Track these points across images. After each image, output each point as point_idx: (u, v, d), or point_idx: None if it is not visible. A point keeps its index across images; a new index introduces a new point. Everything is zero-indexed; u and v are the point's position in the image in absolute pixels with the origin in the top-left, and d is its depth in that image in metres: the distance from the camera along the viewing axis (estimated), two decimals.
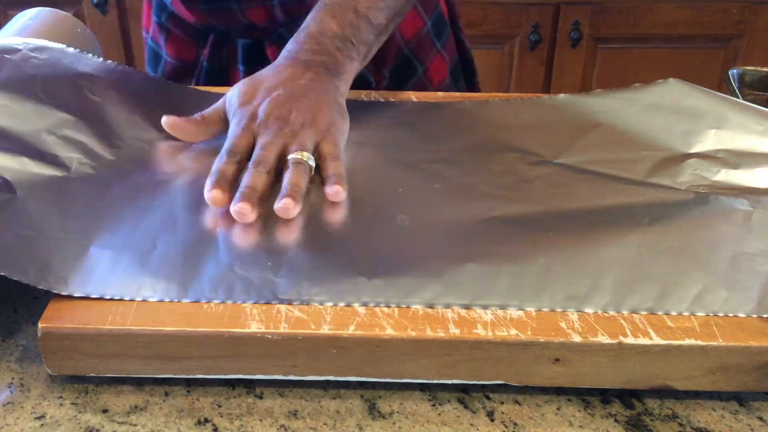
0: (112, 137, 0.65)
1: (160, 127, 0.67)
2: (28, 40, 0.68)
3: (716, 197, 0.61)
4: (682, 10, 1.67)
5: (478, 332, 0.47)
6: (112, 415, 0.47)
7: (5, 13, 1.70)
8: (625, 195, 0.61)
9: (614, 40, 1.70)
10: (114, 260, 0.52)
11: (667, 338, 0.47)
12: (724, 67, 1.74)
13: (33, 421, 0.47)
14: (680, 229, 0.57)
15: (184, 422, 0.47)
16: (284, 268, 0.52)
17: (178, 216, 0.57)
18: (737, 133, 0.67)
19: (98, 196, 0.59)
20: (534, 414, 0.48)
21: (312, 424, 0.47)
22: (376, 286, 0.51)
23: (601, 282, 0.51)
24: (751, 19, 1.70)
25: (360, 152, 0.67)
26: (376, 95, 0.78)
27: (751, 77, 0.79)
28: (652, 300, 0.50)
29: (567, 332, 0.47)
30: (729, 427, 0.48)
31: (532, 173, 0.64)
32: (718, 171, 0.64)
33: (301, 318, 0.48)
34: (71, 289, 0.49)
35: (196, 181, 0.61)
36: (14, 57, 0.65)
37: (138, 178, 0.62)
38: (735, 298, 0.50)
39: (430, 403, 0.49)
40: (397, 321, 0.48)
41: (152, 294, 0.50)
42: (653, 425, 0.48)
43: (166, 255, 0.53)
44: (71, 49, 0.69)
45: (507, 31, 1.66)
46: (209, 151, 0.66)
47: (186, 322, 0.47)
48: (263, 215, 0.57)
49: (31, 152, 0.60)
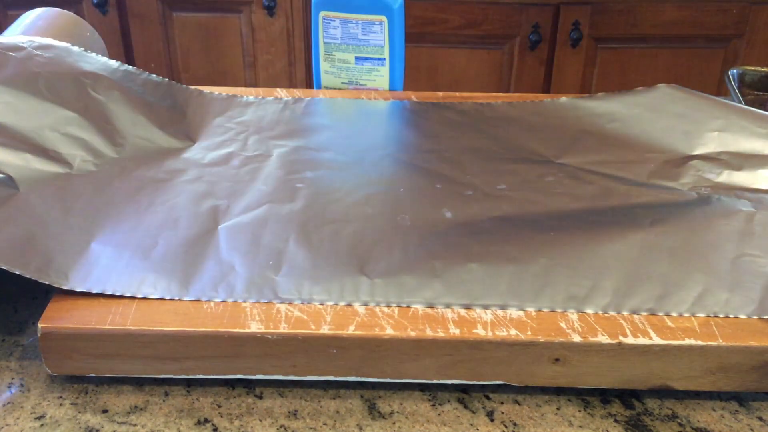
0: (114, 135, 0.65)
1: (162, 126, 0.67)
2: (32, 38, 0.68)
3: (718, 198, 0.61)
4: (682, 10, 1.67)
5: (478, 332, 0.47)
6: (112, 415, 0.47)
7: (5, 13, 1.70)
8: (626, 196, 0.61)
9: (614, 40, 1.70)
10: (115, 257, 0.52)
11: (667, 338, 0.47)
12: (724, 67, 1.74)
13: (33, 421, 0.47)
14: (682, 229, 0.57)
15: (184, 422, 0.47)
16: (285, 267, 0.52)
17: (179, 214, 0.57)
18: (740, 136, 0.67)
19: (100, 193, 0.59)
20: (534, 414, 0.48)
21: (312, 424, 0.47)
22: (376, 285, 0.51)
23: (601, 282, 0.51)
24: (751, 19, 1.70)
25: (361, 152, 0.67)
26: (376, 95, 0.78)
27: (751, 77, 0.79)
28: (652, 301, 0.50)
29: (567, 332, 0.47)
30: (729, 427, 0.48)
31: (533, 173, 0.64)
32: (720, 173, 0.64)
33: (301, 318, 0.48)
34: (72, 284, 0.49)
35: (197, 180, 0.62)
36: (19, 55, 0.65)
37: (140, 176, 0.62)
38: (736, 300, 0.50)
39: (430, 403, 0.49)
40: (397, 321, 0.48)
41: (153, 291, 0.50)
42: (653, 425, 0.48)
43: (167, 252, 0.53)
44: (75, 47, 0.69)
45: (507, 31, 1.65)
46: (211, 148, 0.66)
47: (186, 322, 0.47)
48: (263, 214, 0.57)
49: (34, 149, 0.60)
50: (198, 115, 0.71)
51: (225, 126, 0.70)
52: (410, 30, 1.52)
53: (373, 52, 0.81)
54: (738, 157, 0.65)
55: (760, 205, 0.60)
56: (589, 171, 0.65)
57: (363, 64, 0.82)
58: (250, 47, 1.68)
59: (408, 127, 0.71)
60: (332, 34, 0.81)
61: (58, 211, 0.56)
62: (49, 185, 0.58)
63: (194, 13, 1.68)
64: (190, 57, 1.73)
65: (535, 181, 0.63)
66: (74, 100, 0.65)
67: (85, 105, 0.65)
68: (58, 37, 0.70)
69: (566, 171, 0.65)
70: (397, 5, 0.79)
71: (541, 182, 0.63)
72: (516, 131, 0.70)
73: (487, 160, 0.66)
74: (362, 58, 0.82)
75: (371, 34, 0.81)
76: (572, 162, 0.66)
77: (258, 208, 0.58)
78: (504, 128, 0.71)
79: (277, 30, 1.66)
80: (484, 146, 0.68)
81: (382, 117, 0.73)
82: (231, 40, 1.69)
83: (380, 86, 0.83)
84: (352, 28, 0.80)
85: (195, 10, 1.68)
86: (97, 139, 0.64)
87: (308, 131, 0.70)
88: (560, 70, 1.71)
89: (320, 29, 0.81)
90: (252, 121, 0.71)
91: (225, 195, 0.60)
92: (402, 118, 0.73)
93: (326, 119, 0.73)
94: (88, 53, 0.70)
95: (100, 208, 0.57)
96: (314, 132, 0.70)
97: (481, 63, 1.68)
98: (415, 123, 0.72)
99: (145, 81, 0.71)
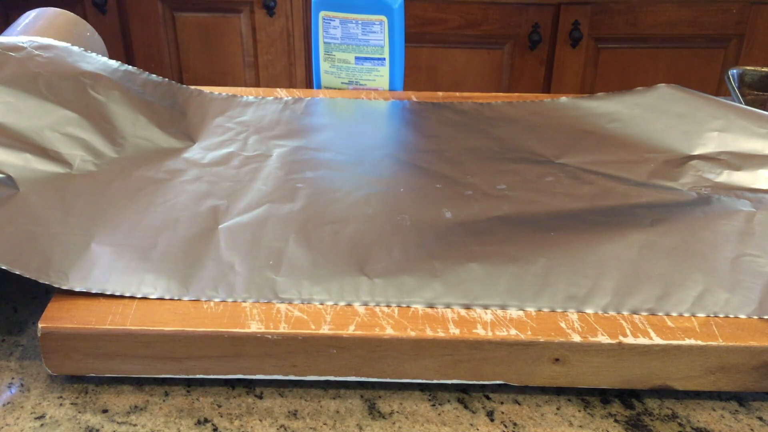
0: (114, 135, 0.65)
1: (162, 126, 0.67)
2: (32, 38, 0.68)
3: (718, 198, 0.61)
4: (682, 10, 1.67)
5: (478, 332, 0.47)
6: (112, 415, 0.47)
7: (5, 13, 1.70)
8: (626, 196, 0.61)
9: (614, 40, 1.70)
10: (115, 257, 0.52)
11: (667, 338, 0.47)
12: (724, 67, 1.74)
13: (33, 421, 0.47)
14: (682, 229, 0.57)
15: (184, 422, 0.47)
16: (285, 266, 0.52)
17: (179, 214, 0.57)
18: (740, 136, 0.67)
19: (100, 193, 0.59)
20: (534, 414, 0.48)
21: (312, 424, 0.47)
22: (376, 285, 0.51)
23: (601, 282, 0.51)
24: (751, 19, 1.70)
25: (361, 152, 0.67)
26: (376, 95, 0.78)
27: (751, 77, 0.79)
28: (652, 301, 0.50)
29: (567, 332, 0.47)
30: (729, 427, 0.48)
31: (533, 173, 0.64)
32: (720, 173, 0.64)
33: (301, 318, 0.48)
34: (72, 284, 0.49)
35: (197, 180, 0.62)
36: (19, 54, 0.65)
37: (140, 176, 0.62)
38: (736, 300, 0.50)
39: (430, 403, 0.49)
40: (397, 321, 0.48)
41: (153, 291, 0.50)
42: (653, 425, 0.48)
43: (167, 252, 0.53)
44: (75, 47, 0.69)
45: (507, 31, 1.65)
46: (211, 148, 0.66)
47: (186, 322, 0.47)
48: (263, 214, 0.57)
49: (34, 149, 0.60)
50: (198, 115, 0.71)
51: (225, 126, 0.70)
52: (410, 30, 1.52)
53: (373, 52, 0.81)
54: (738, 157, 0.65)
55: (760, 205, 0.60)
56: (589, 171, 0.65)
57: (363, 64, 0.82)
58: (250, 47, 1.68)
59: (408, 127, 0.71)
60: (332, 34, 0.81)
61: (58, 211, 0.56)
62: (49, 185, 0.58)
63: (194, 13, 1.68)
64: (190, 57, 1.73)
65: (535, 181, 0.63)
66: (74, 100, 0.65)
67: (85, 105, 0.65)
68: (58, 37, 0.70)
69: (566, 171, 0.65)
70: (397, 5, 0.79)
71: (541, 182, 0.63)
72: (516, 131, 0.70)
73: (487, 160, 0.66)
74: (362, 58, 0.82)
75: (371, 34, 0.81)
76: (572, 162, 0.66)
77: (258, 208, 0.58)
78: (504, 128, 0.71)
79: (277, 30, 1.66)
80: (484, 146, 0.68)
81: (382, 117, 0.73)
82: (231, 40, 1.69)
83: (380, 86, 0.83)
84: (352, 28, 0.80)
85: (195, 10, 1.68)
86: (97, 139, 0.64)
87: (308, 131, 0.70)
88: (560, 70, 1.71)
89: (320, 29, 0.81)
90: (252, 121, 0.71)
91: (225, 195, 0.60)
92: (402, 118, 0.73)
93: (326, 119, 0.73)
94: (88, 53, 0.70)
95: (100, 208, 0.57)
96: (314, 132, 0.70)
97: (481, 63, 1.68)
98: (415, 123, 0.72)
99: (145, 81, 0.71)
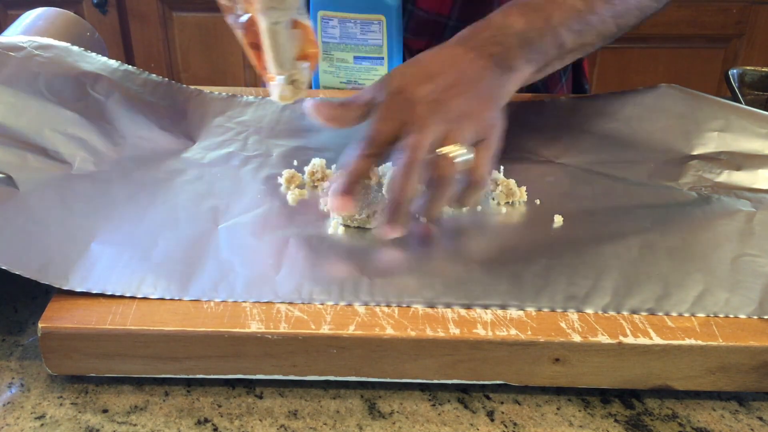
0: (114, 135, 0.65)
1: (162, 126, 0.67)
2: (32, 38, 0.68)
3: (718, 198, 0.61)
4: (682, 10, 1.67)
5: (478, 332, 0.47)
6: (112, 415, 0.47)
7: (5, 13, 1.70)
8: (626, 195, 0.61)
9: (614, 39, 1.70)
10: (115, 257, 0.52)
11: (667, 338, 0.47)
12: (724, 67, 1.74)
13: (33, 421, 0.47)
14: (682, 229, 0.57)
15: (184, 422, 0.47)
16: (285, 267, 0.52)
17: (179, 214, 0.57)
18: (740, 136, 0.67)
19: (100, 193, 0.59)
20: (534, 414, 0.48)
21: (312, 424, 0.47)
22: (376, 285, 0.51)
23: (601, 282, 0.51)
24: (751, 19, 1.70)
25: None
26: None
27: (751, 77, 0.79)
28: (652, 301, 0.50)
29: (567, 332, 0.47)
30: (729, 427, 0.48)
31: (533, 173, 0.64)
32: (720, 172, 0.64)
33: (301, 318, 0.48)
34: (72, 284, 0.49)
35: (197, 179, 0.62)
36: (19, 54, 0.65)
37: (140, 176, 0.62)
38: (736, 300, 0.50)
39: (430, 403, 0.49)
40: (397, 321, 0.48)
41: (153, 291, 0.50)
42: (653, 425, 0.48)
43: (167, 252, 0.53)
44: (75, 47, 0.69)
45: None
46: (211, 148, 0.66)
47: (186, 322, 0.47)
48: (263, 214, 0.57)
49: (34, 149, 0.60)
50: (198, 115, 0.71)
51: (225, 126, 0.70)
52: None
53: (371, 52, 0.81)
54: (738, 157, 0.65)
55: (760, 205, 0.60)
56: (589, 171, 0.65)
57: (361, 63, 0.82)
58: None
59: None
60: (331, 34, 0.81)
61: (58, 211, 0.56)
62: (49, 185, 0.58)
63: (194, 13, 1.68)
64: (190, 57, 1.73)
65: (535, 181, 0.63)
66: (74, 100, 0.65)
67: (85, 105, 0.65)
68: (58, 37, 0.70)
69: (566, 171, 0.65)
70: (395, 4, 0.79)
71: (541, 182, 0.63)
72: (516, 131, 0.70)
73: None
74: (361, 58, 0.82)
75: (370, 34, 0.81)
76: (572, 162, 0.66)
77: (258, 208, 0.58)
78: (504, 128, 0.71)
79: None
80: None
81: None
82: (231, 40, 1.68)
83: None
84: (351, 28, 0.80)
85: (195, 9, 1.68)
86: (97, 139, 0.64)
87: (308, 131, 0.70)
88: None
89: (319, 28, 0.81)
90: (252, 121, 0.71)
91: (225, 195, 0.60)
92: None
93: None
94: (88, 53, 0.70)
95: (100, 208, 0.57)
96: (314, 132, 0.70)
97: None
98: None
99: (145, 81, 0.71)
